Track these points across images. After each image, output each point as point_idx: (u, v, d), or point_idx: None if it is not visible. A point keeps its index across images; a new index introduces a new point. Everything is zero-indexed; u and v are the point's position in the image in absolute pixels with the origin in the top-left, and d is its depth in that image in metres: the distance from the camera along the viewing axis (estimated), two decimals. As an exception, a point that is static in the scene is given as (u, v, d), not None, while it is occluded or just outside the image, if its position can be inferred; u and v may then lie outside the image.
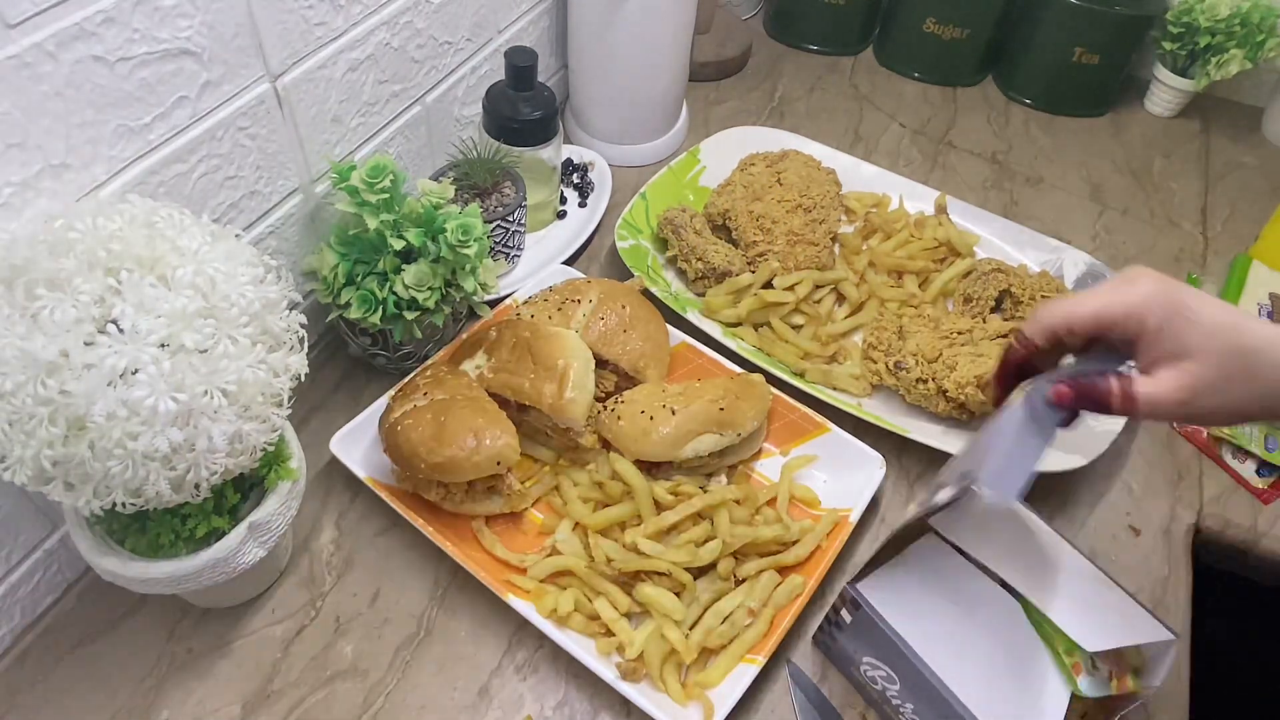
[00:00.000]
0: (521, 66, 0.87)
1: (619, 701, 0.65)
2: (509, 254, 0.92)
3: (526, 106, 0.89)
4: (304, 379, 0.57)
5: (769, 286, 0.89)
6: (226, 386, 0.50)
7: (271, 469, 0.61)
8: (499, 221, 0.87)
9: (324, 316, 0.80)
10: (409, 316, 0.75)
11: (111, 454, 0.47)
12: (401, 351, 0.80)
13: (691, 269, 0.92)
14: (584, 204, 1.03)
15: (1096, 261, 0.95)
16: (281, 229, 0.75)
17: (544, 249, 0.97)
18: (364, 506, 0.75)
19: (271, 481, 0.61)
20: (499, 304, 0.87)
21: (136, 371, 0.47)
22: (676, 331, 0.86)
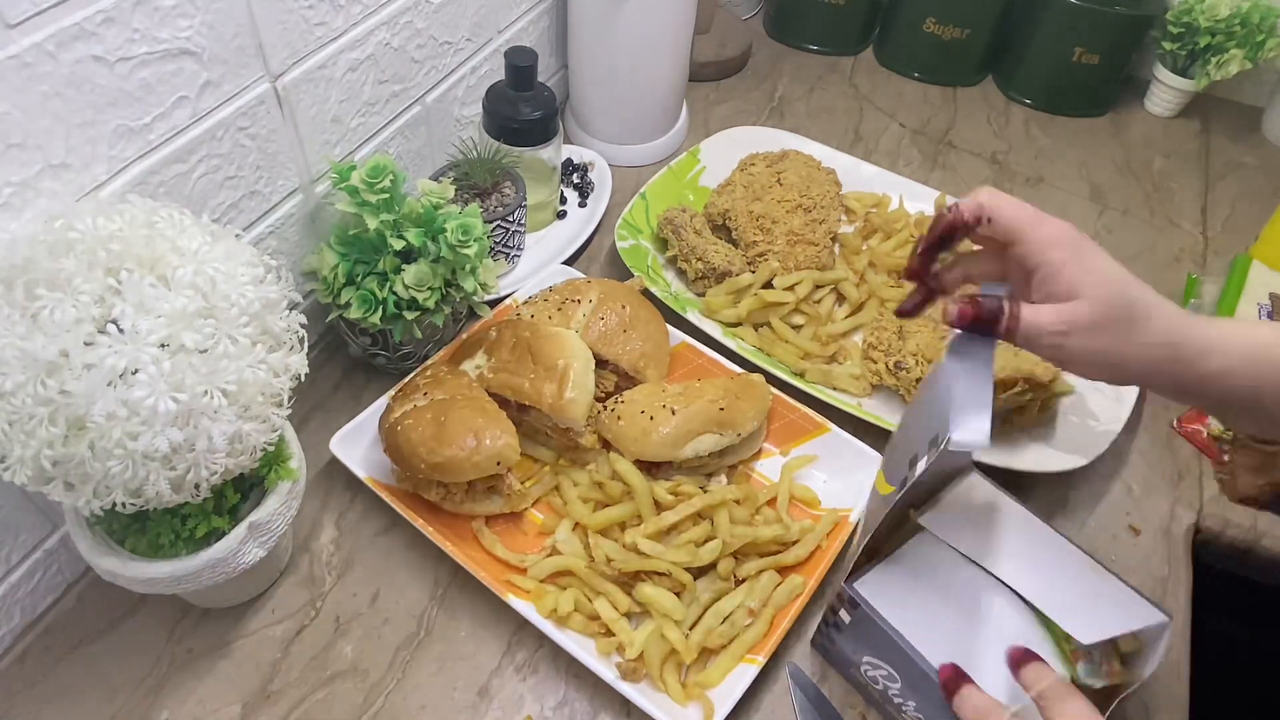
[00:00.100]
0: (521, 66, 0.87)
1: (619, 701, 0.65)
2: (509, 254, 0.92)
3: (526, 106, 0.89)
4: (304, 379, 0.57)
5: (769, 286, 0.89)
6: (226, 386, 0.50)
7: (271, 469, 0.61)
8: (499, 221, 0.87)
9: (324, 316, 0.80)
10: (409, 316, 0.75)
11: (111, 454, 0.48)
12: (401, 351, 0.80)
13: (691, 269, 0.92)
14: (584, 204, 1.03)
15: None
16: (281, 229, 0.75)
17: (544, 249, 0.97)
18: (364, 506, 0.75)
19: (271, 481, 0.61)
20: (499, 304, 0.87)
21: (136, 371, 0.47)
22: (676, 331, 0.86)
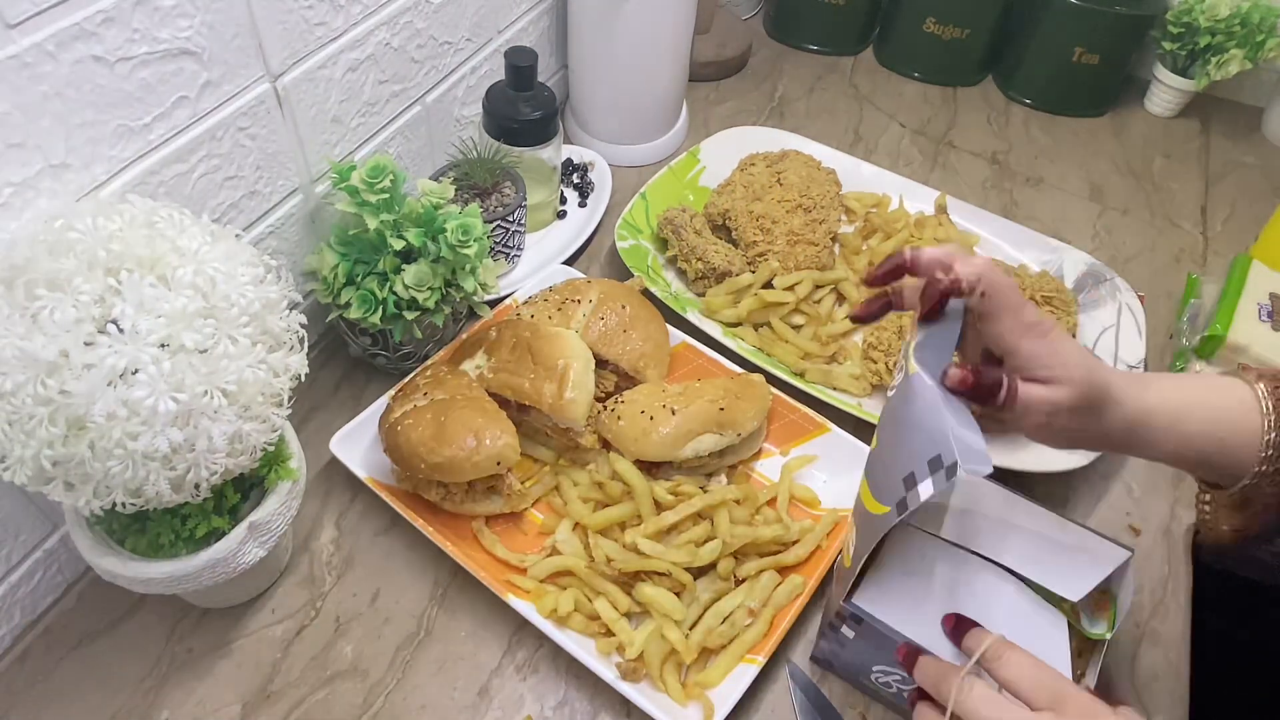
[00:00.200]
0: (521, 66, 0.87)
1: (619, 701, 0.65)
2: (509, 254, 0.92)
3: (526, 106, 0.89)
4: (304, 379, 0.57)
5: (769, 286, 0.89)
6: (226, 386, 0.50)
7: (271, 469, 0.61)
8: (499, 221, 0.87)
9: (324, 316, 0.80)
10: (409, 316, 0.75)
11: (111, 454, 0.48)
12: (401, 351, 0.80)
13: (691, 269, 0.92)
14: (584, 204, 1.03)
15: (1096, 261, 0.95)
16: (281, 229, 0.75)
17: (544, 249, 0.97)
18: (364, 506, 0.75)
19: (271, 481, 0.61)
20: (499, 304, 0.87)
21: (136, 371, 0.47)
22: (676, 331, 0.86)
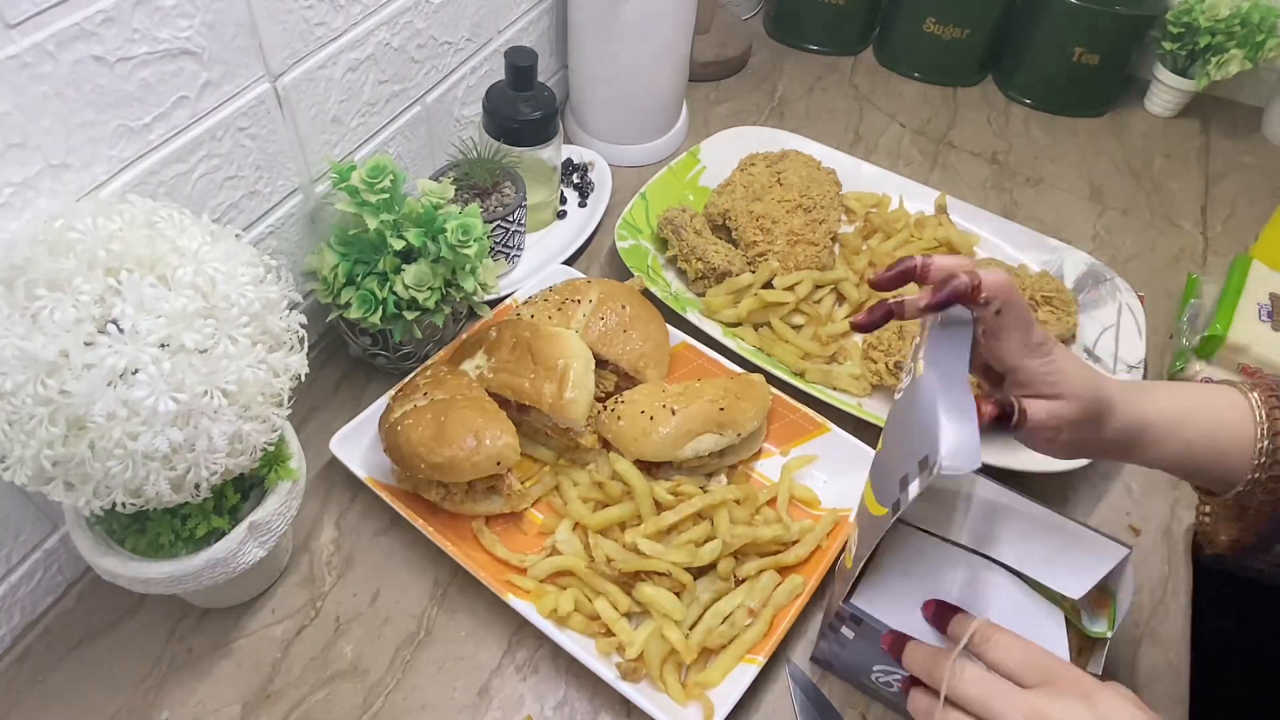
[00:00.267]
0: (521, 66, 0.87)
1: (619, 701, 0.65)
2: (509, 254, 0.92)
3: (526, 106, 0.89)
4: (304, 379, 0.57)
5: (769, 286, 0.89)
6: (226, 386, 0.50)
7: (271, 469, 0.61)
8: (499, 221, 0.87)
9: (324, 316, 0.80)
10: (409, 316, 0.75)
11: (111, 454, 0.48)
12: (401, 351, 0.80)
13: (691, 269, 0.92)
14: (584, 204, 1.03)
15: (1096, 261, 0.95)
16: (281, 229, 0.75)
17: (544, 249, 0.97)
18: (364, 506, 0.75)
19: (271, 481, 0.61)
20: (499, 304, 0.87)
21: (136, 371, 0.47)
22: (676, 331, 0.86)
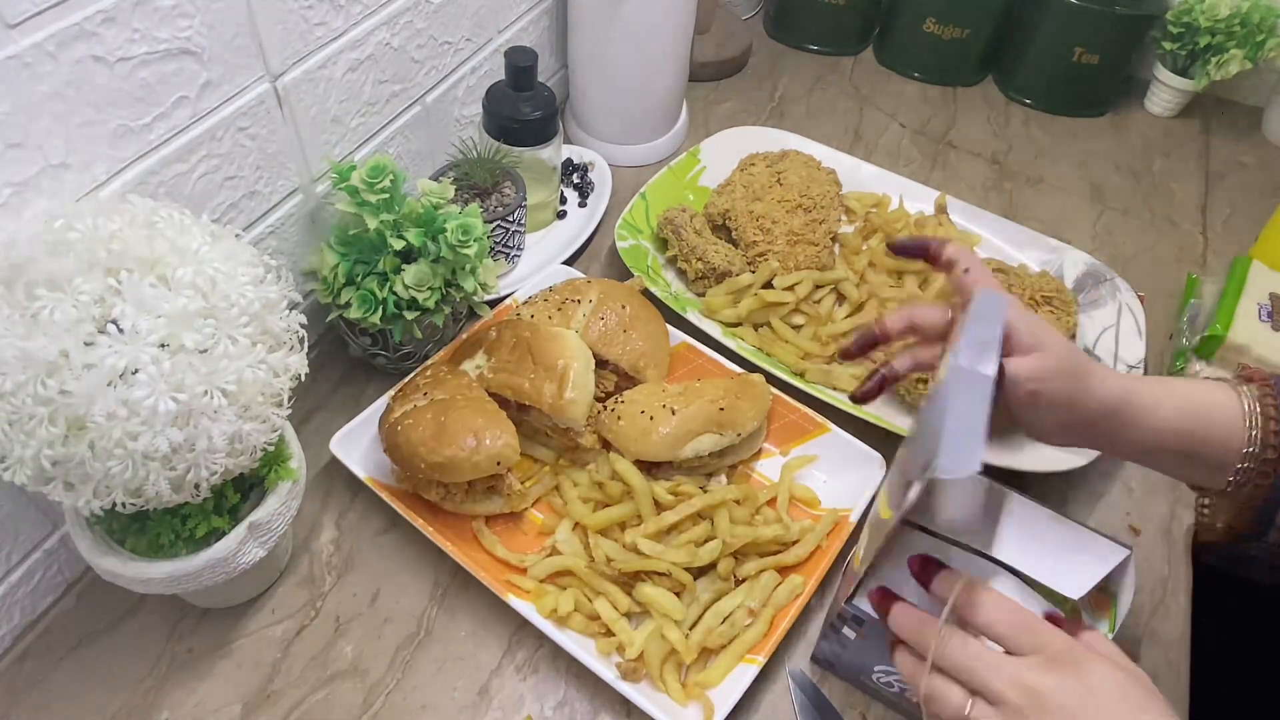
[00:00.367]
0: (521, 66, 0.87)
1: (619, 701, 0.65)
2: (509, 254, 0.92)
3: (526, 106, 0.89)
4: (304, 379, 0.57)
5: (769, 286, 0.89)
6: (226, 386, 0.50)
7: (271, 469, 0.61)
8: (499, 221, 0.87)
9: (324, 316, 0.80)
10: (409, 316, 0.75)
11: (111, 454, 0.48)
12: (401, 351, 0.80)
13: (691, 269, 0.92)
14: (584, 204, 1.03)
15: (1096, 261, 0.95)
16: (281, 229, 0.75)
17: (544, 249, 0.97)
18: (364, 506, 0.75)
19: (271, 481, 0.61)
20: (499, 304, 0.87)
21: (136, 371, 0.47)
22: (676, 331, 0.86)
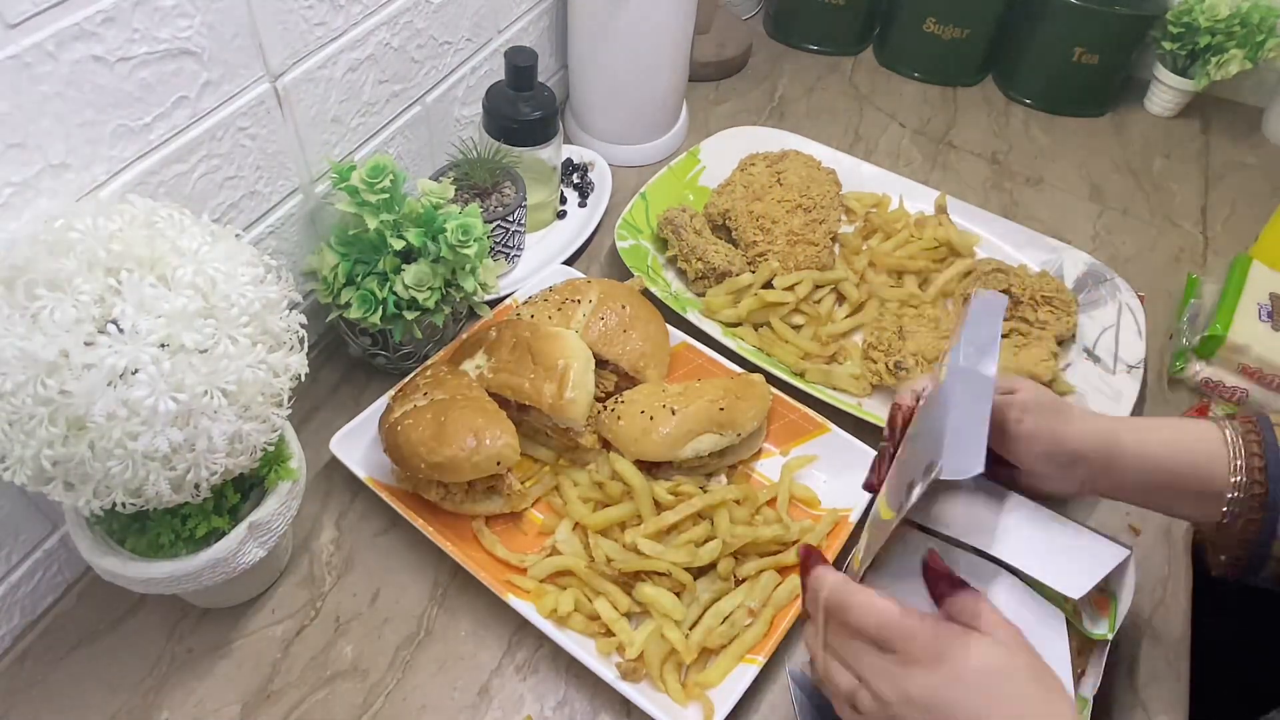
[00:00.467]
0: (521, 66, 0.87)
1: (619, 701, 0.65)
2: (509, 254, 0.92)
3: (526, 106, 0.89)
4: (304, 379, 0.57)
5: (769, 286, 0.89)
6: (226, 386, 0.50)
7: (271, 469, 0.61)
8: (499, 221, 0.87)
9: (324, 316, 0.80)
10: (409, 316, 0.75)
11: (111, 454, 0.48)
12: (401, 351, 0.80)
13: (691, 269, 0.92)
14: (584, 204, 1.03)
15: (1096, 261, 0.95)
16: (281, 229, 0.75)
17: (544, 249, 0.97)
18: (364, 506, 0.75)
19: (271, 481, 0.61)
20: (499, 304, 0.87)
21: (136, 371, 0.47)
22: (676, 331, 0.86)
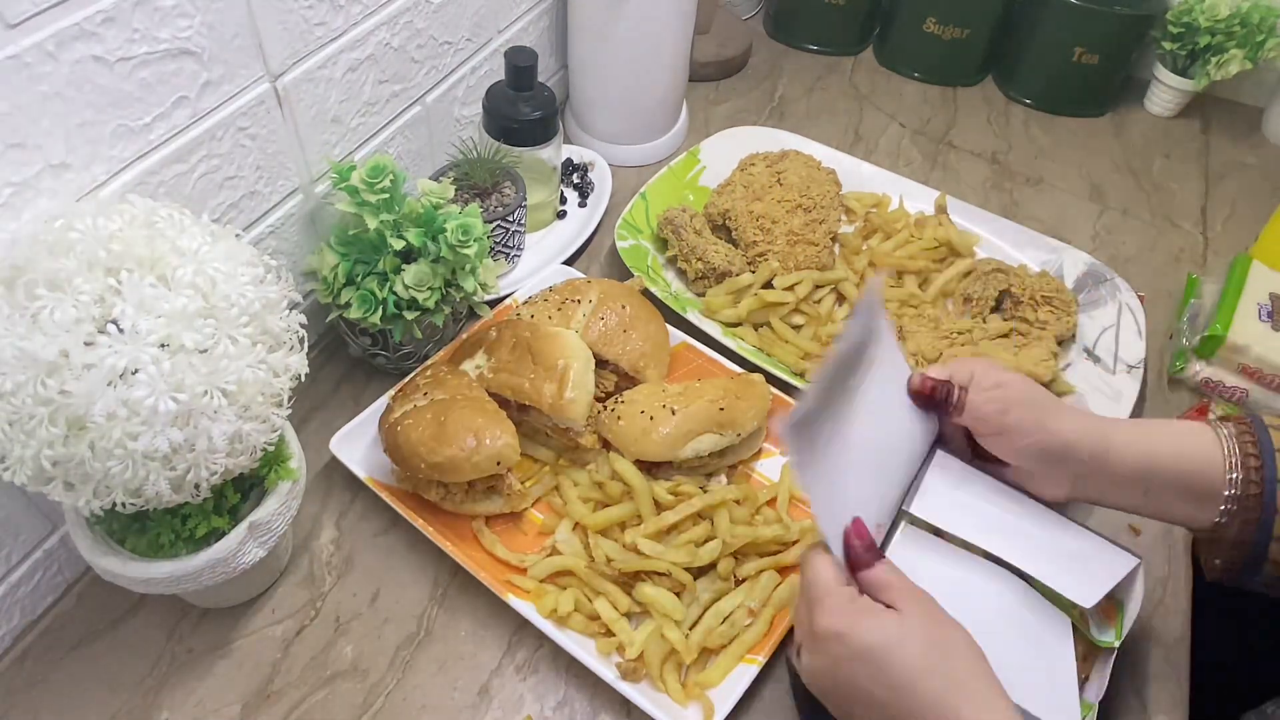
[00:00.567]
0: (521, 66, 0.87)
1: (619, 701, 0.65)
2: (509, 254, 0.92)
3: (526, 106, 0.89)
4: (304, 379, 0.57)
5: (769, 286, 0.89)
6: (226, 386, 0.50)
7: (271, 469, 0.61)
8: (499, 221, 0.87)
9: (324, 316, 0.80)
10: (409, 316, 0.75)
11: (111, 454, 0.48)
12: (401, 351, 0.80)
13: (691, 269, 0.92)
14: (584, 204, 1.03)
15: (1096, 261, 0.95)
16: (281, 229, 0.75)
17: (544, 249, 0.97)
18: (364, 506, 0.75)
19: (271, 481, 0.61)
20: (499, 304, 0.87)
21: (136, 371, 0.47)
22: (676, 331, 0.86)
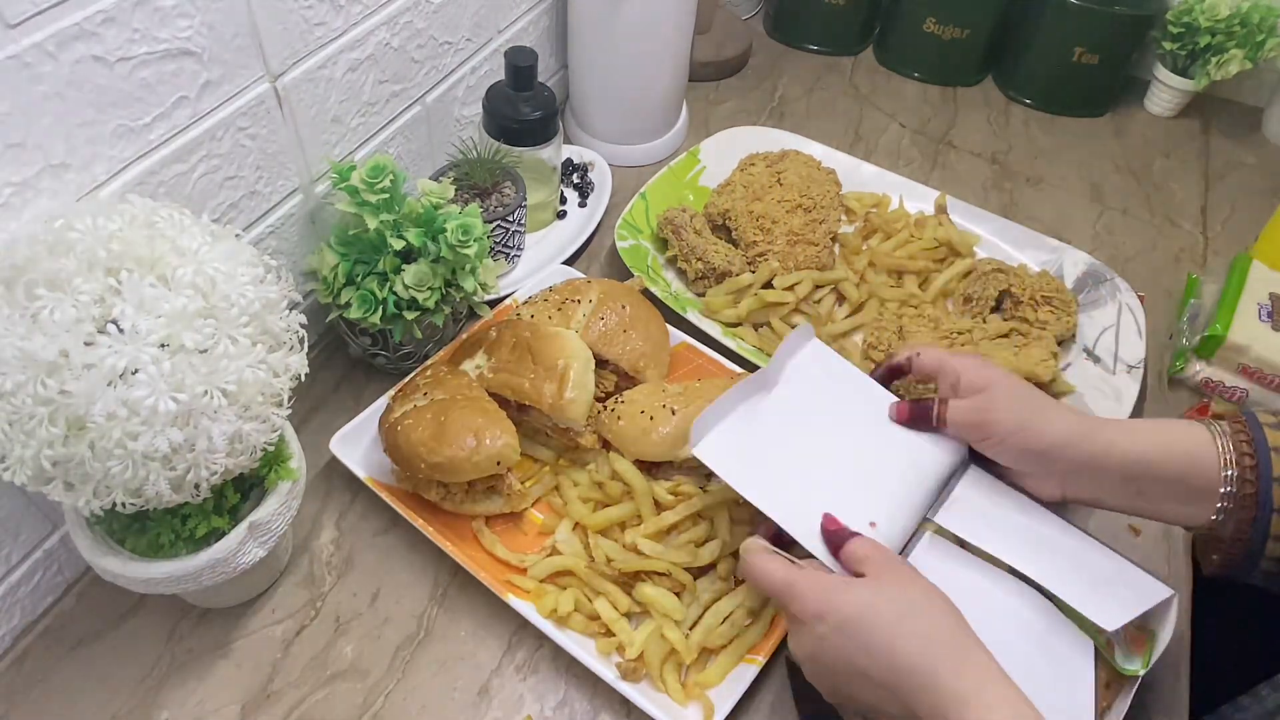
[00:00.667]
0: (521, 66, 0.87)
1: (619, 701, 0.65)
2: (509, 254, 0.92)
3: (526, 106, 0.89)
4: (304, 379, 0.57)
5: (769, 286, 0.89)
6: (226, 386, 0.50)
7: (271, 469, 0.61)
8: (499, 221, 0.87)
9: (324, 316, 0.80)
10: (409, 316, 0.75)
11: (111, 454, 0.48)
12: (401, 351, 0.80)
13: (691, 269, 0.92)
14: (584, 204, 1.03)
15: (1096, 261, 0.95)
16: (281, 229, 0.75)
17: (544, 249, 0.97)
18: (364, 506, 0.75)
19: (271, 481, 0.61)
20: (499, 304, 0.87)
21: (136, 371, 0.47)
22: (676, 331, 0.86)
